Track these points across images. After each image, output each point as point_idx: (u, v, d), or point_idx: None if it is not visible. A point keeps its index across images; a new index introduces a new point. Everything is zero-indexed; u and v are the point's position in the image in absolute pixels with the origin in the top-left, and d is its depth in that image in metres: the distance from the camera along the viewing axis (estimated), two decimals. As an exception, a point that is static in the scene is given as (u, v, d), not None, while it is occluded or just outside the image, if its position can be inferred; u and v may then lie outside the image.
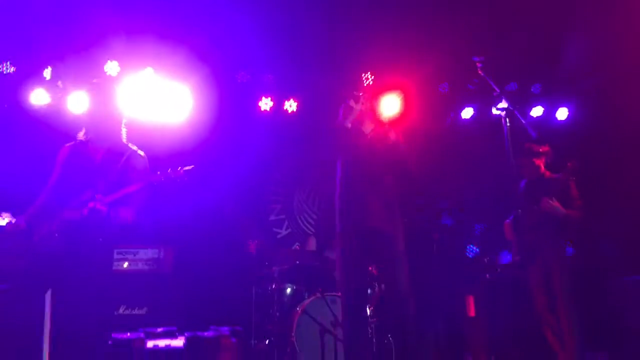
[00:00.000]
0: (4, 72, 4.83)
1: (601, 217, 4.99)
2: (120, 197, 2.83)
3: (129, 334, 2.20)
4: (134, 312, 4.14)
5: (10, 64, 4.87)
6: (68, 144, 3.06)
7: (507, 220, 4.44)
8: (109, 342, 2.21)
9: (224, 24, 4.92)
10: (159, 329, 2.45)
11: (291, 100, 5.52)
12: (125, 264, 4.45)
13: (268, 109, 5.49)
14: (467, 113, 5.80)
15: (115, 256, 4.39)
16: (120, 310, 4.10)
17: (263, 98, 5.47)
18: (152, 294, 4.31)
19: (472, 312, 4.61)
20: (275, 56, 5.26)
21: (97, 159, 2.95)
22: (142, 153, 3.01)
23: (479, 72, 3.14)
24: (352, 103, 3.43)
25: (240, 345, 2.51)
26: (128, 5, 4.67)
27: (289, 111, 5.52)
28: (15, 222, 2.89)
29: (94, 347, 2.38)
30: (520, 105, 6.01)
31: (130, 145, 3.08)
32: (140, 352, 2.09)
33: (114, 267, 4.31)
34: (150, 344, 2.22)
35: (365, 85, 5.43)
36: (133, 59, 5.10)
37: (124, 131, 3.10)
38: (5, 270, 3.12)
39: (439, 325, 3.41)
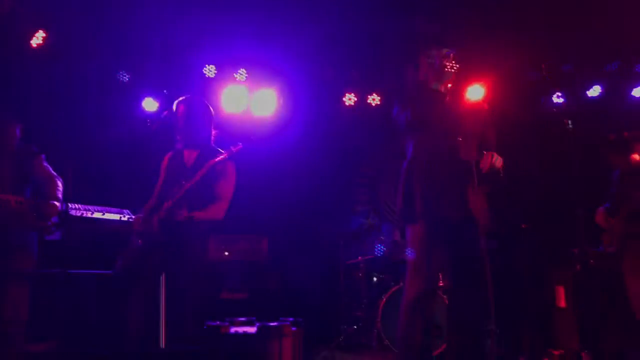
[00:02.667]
0: (121, 81, 5.38)
1: None
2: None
3: (218, 322, 2.66)
4: (233, 298, 4.57)
5: (124, 73, 5.43)
6: (169, 153, 3.48)
7: (601, 208, 4.30)
8: (204, 327, 2.64)
9: (310, 24, 5.13)
10: (242, 319, 2.88)
11: (374, 95, 5.66)
12: (226, 253, 4.89)
13: (352, 104, 5.67)
14: (558, 99, 5.54)
15: (217, 245, 4.85)
16: (223, 295, 4.55)
17: (347, 94, 5.65)
18: (249, 282, 4.73)
19: (562, 303, 4.52)
20: (359, 52, 5.40)
21: (189, 164, 3.31)
22: (225, 155, 3.28)
23: (546, 75, 3.04)
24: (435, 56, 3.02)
25: (299, 332, 2.86)
26: (220, 6, 5.00)
27: (373, 104, 5.66)
28: (135, 217, 3.36)
29: (194, 331, 2.81)
30: (621, 84, 5.69)
31: (218, 149, 3.39)
32: (224, 335, 2.59)
33: (215, 255, 4.80)
34: (232, 329, 2.70)
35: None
36: (228, 61, 5.49)
37: (213, 134, 3.46)
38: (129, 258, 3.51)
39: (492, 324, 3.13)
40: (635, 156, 4.09)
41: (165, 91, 5.34)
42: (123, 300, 3.06)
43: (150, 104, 5.35)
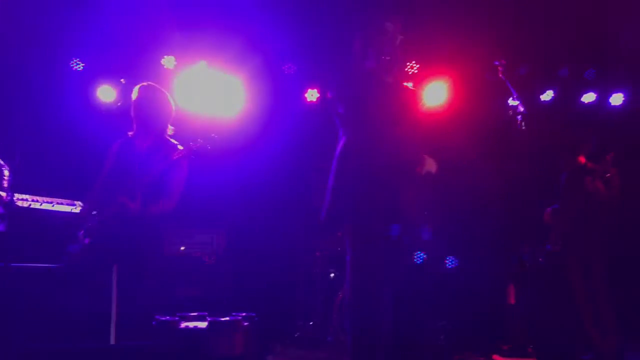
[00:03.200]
0: (75, 70, 5.22)
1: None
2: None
3: (168, 317, 2.62)
4: (187, 294, 4.51)
5: (79, 60, 5.27)
6: (118, 141, 3.38)
7: (549, 209, 4.46)
8: (153, 323, 2.59)
9: (273, 17, 5.11)
10: (193, 314, 2.84)
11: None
12: (182, 248, 4.82)
13: (314, 100, 5.67)
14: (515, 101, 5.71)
15: (172, 239, 4.78)
16: (175, 291, 4.48)
17: (309, 90, 5.64)
18: (204, 277, 4.67)
19: (512, 300, 4.67)
20: (321, 47, 5.40)
21: (141, 154, 3.24)
22: (181, 147, 3.23)
23: (500, 75, 3.11)
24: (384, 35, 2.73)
25: (252, 328, 2.84)
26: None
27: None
28: (82, 209, 3.26)
29: (143, 326, 2.76)
30: (572, 91, 5.91)
31: (172, 140, 3.33)
32: (174, 330, 2.55)
33: (170, 250, 4.72)
34: (183, 324, 2.66)
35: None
36: (188, 53, 5.40)
37: (169, 128, 3.38)
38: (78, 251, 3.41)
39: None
40: (582, 159, 4.26)
41: (122, 80, 5.21)
42: (71, 294, 2.97)
43: (106, 93, 5.20)
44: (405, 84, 2.95)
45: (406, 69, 2.83)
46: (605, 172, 4.00)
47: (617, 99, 5.84)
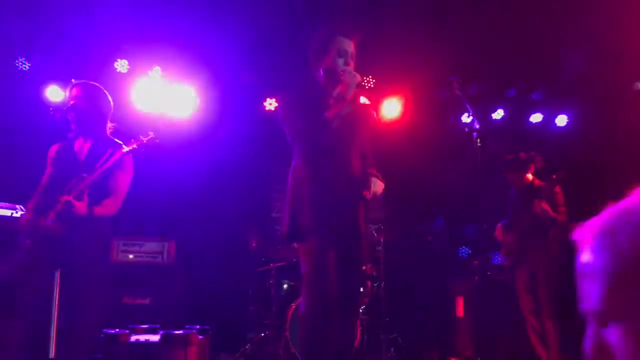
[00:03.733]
0: (21, 69, 5.00)
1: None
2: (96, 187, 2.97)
3: (117, 330, 2.49)
4: (136, 302, 4.36)
5: (25, 60, 5.05)
6: (57, 143, 3.22)
7: (500, 224, 4.59)
8: (102, 335, 2.47)
9: (230, 26, 5.07)
10: (144, 326, 2.73)
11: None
12: (131, 256, 4.66)
13: (273, 109, 5.65)
14: (467, 118, 5.88)
15: (121, 247, 4.61)
16: (123, 300, 4.32)
17: (267, 99, 5.62)
18: (154, 286, 4.53)
19: (460, 313, 4.76)
20: (279, 58, 5.40)
21: (82, 156, 3.10)
22: (126, 148, 3.11)
23: (456, 91, 3.19)
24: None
25: (206, 341, 2.75)
26: (139, 4, 4.82)
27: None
28: (22, 215, 3.09)
29: (87, 338, 2.62)
30: (520, 111, 6.17)
31: (115, 140, 3.20)
32: (124, 343, 2.42)
33: (119, 258, 4.56)
34: (133, 338, 2.54)
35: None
36: (142, 58, 5.28)
37: (108, 126, 3.25)
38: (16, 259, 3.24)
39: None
40: (529, 176, 4.43)
41: (73, 80, 5.02)
42: (7, 303, 2.79)
43: (55, 93, 5.00)
44: (360, 99, 2.99)
45: (362, 83, 2.89)
46: (552, 191, 4.17)
47: (561, 120, 6.13)
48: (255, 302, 5.02)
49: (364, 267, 4.23)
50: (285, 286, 4.99)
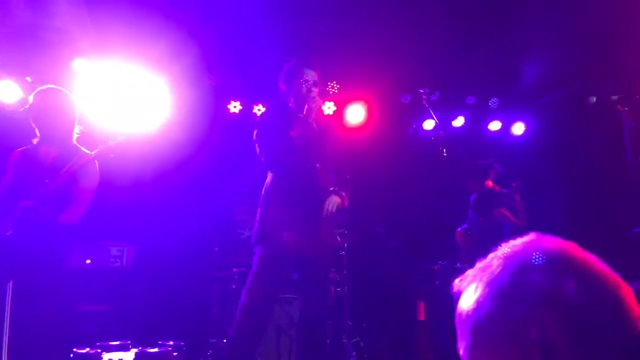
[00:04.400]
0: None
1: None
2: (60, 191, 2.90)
3: (88, 349, 2.41)
4: (95, 309, 4.23)
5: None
6: (20, 149, 3.13)
7: (459, 229, 4.71)
8: (70, 356, 2.37)
9: (198, 24, 5.00)
10: (115, 343, 2.65)
11: (260, 105, 5.65)
12: (88, 260, 4.52)
13: (237, 112, 5.61)
14: (429, 125, 5.97)
15: (78, 252, 4.47)
16: (82, 307, 4.18)
17: (232, 101, 5.58)
18: (112, 292, 4.41)
19: (422, 317, 4.85)
20: (243, 61, 5.37)
21: (47, 164, 3.02)
22: (91, 153, 3.05)
23: (424, 102, 3.31)
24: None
25: (181, 358, 2.72)
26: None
27: (259, 114, 5.64)
28: None
29: (41, 351, 2.52)
30: (479, 118, 6.33)
31: (81, 148, 3.14)
32: None
33: (75, 263, 4.41)
34: (105, 357, 2.47)
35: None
36: (102, 57, 5.14)
37: (75, 131, 3.17)
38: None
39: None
40: (489, 182, 4.57)
41: (28, 79, 4.84)
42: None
43: (9, 90, 4.81)
44: (325, 104, 3.35)
45: (323, 108, 3.32)
46: (513, 198, 4.31)
47: (518, 128, 6.31)
48: (217, 308, 4.96)
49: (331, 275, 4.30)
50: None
